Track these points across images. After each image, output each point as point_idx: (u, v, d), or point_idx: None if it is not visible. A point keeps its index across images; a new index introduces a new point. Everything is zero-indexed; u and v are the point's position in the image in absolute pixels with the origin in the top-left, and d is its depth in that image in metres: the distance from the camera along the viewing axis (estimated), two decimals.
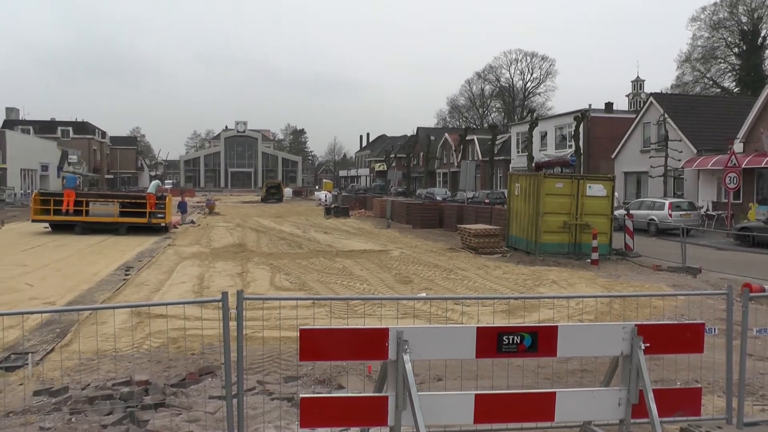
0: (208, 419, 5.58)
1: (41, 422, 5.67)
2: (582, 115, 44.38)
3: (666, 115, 35.73)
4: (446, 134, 78.39)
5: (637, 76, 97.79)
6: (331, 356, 4.49)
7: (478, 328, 4.68)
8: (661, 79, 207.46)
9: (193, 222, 32.32)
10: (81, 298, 12.29)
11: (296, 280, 14.30)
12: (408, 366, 4.33)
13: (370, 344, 4.43)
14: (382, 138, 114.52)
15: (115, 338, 8.28)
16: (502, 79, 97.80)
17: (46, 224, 26.89)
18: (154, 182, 28.67)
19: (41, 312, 9.75)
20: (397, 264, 17.04)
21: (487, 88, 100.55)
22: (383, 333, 4.42)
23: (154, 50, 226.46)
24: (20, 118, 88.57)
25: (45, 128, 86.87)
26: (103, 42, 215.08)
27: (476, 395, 4.70)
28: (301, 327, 4.22)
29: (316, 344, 4.31)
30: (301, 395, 4.37)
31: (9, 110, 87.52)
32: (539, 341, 4.68)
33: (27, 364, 7.55)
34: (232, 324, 4.72)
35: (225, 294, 4.55)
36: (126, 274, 15.23)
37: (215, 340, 8.07)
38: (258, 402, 5.90)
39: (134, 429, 5.50)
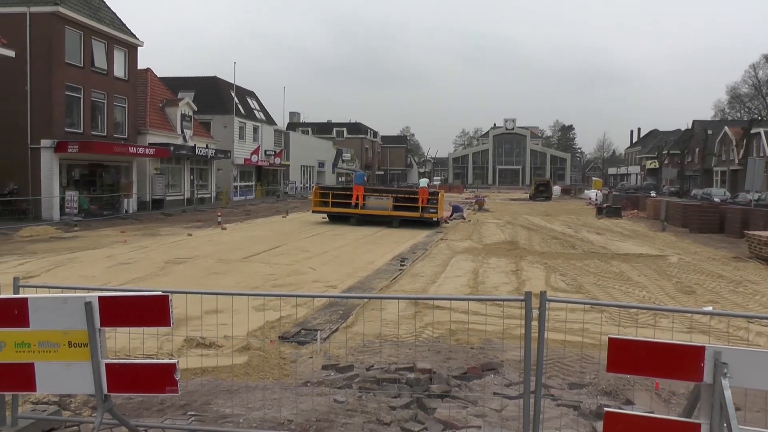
0: (494, 416, 5.60)
1: (334, 395, 6.16)
2: None
3: None
4: (726, 127, 70.05)
5: None
6: (641, 370, 4.17)
7: None
8: None
9: (463, 218, 33.40)
10: (360, 284, 13.19)
11: (572, 282, 13.85)
12: (727, 393, 3.87)
13: (682, 363, 4.04)
14: (653, 133, 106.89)
15: (396, 325, 8.80)
16: None
17: (324, 215, 29.87)
18: (423, 179, 30.33)
19: (333, 297, 10.76)
20: (677, 271, 15.75)
21: None
22: (698, 351, 4.01)
23: (423, 55, 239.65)
24: (301, 121, 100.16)
25: (322, 129, 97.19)
26: (374, 52, 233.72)
27: None
28: (610, 336, 4.02)
29: (625, 355, 4.06)
30: (606, 409, 4.18)
31: (292, 114, 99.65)
32: None
33: (316, 340, 8.35)
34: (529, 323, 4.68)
35: (528, 294, 4.57)
36: (401, 265, 15.98)
37: (494, 336, 8.13)
38: (543, 406, 5.77)
39: (422, 415, 5.66)
